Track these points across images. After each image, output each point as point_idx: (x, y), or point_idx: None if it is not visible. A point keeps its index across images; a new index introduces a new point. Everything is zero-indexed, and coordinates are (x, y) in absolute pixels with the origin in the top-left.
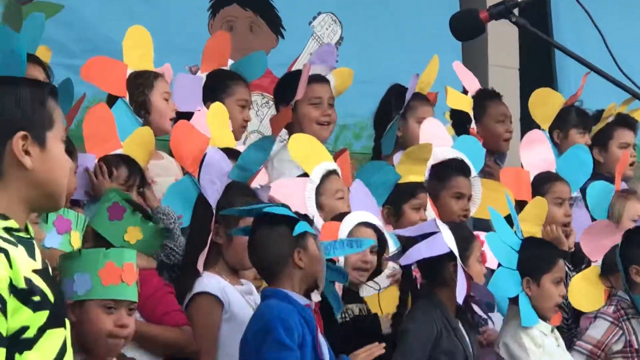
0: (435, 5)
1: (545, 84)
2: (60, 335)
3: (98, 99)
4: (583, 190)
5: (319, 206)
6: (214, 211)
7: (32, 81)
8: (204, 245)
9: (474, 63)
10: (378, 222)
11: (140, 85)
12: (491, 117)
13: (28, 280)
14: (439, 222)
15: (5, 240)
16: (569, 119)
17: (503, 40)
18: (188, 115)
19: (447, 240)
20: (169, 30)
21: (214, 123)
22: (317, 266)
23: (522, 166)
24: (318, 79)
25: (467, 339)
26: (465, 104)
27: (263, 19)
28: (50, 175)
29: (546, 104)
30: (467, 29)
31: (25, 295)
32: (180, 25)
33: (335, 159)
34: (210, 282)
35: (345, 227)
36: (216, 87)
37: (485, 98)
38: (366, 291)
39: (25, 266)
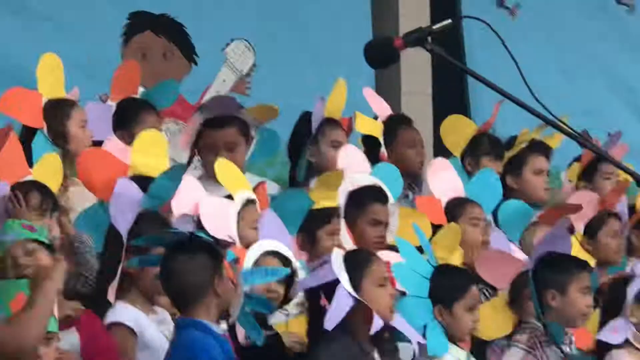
0: (349, 32)
1: (459, 111)
2: None
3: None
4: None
5: None
6: (125, 240)
7: None
8: (115, 276)
9: (386, 89)
10: (287, 250)
11: (58, 115)
12: (401, 142)
13: None
14: (334, 255)
15: None
16: (481, 147)
17: (415, 66)
18: (98, 145)
19: (334, 268)
20: (81, 57)
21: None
22: (231, 294)
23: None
24: (213, 124)
25: None
26: (376, 129)
27: (176, 46)
28: None
29: (457, 131)
30: (382, 56)
31: None
32: (93, 51)
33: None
34: (123, 312)
35: (251, 256)
36: (126, 116)
37: (396, 123)
38: (275, 318)
39: None
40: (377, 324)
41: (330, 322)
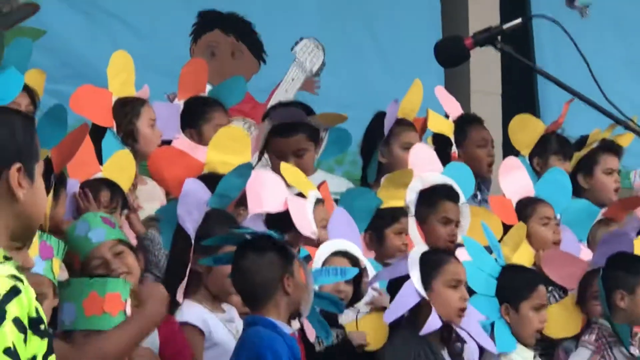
0: (419, 31)
1: (528, 110)
2: None
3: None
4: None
5: None
6: (193, 241)
7: (22, 113)
8: (183, 276)
9: (456, 88)
10: (356, 249)
11: (128, 113)
12: (472, 141)
13: (36, 309)
14: (412, 251)
15: (17, 269)
16: (549, 146)
17: (485, 65)
18: (167, 144)
19: (409, 263)
20: (152, 55)
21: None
22: (302, 293)
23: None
24: (281, 132)
25: None
26: (447, 128)
27: (245, 44)
28: (34, 209)
29: (526, 130)
30: (452, 55)
31: (35, 324)
32: (163, 50)
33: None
34: (191, 311)
35: (320, 255)
36: (194, 114)
37: (467, 123)
38: (345, 317)
39: (34, 294)
40: (433, 323)
41: (390, 315)
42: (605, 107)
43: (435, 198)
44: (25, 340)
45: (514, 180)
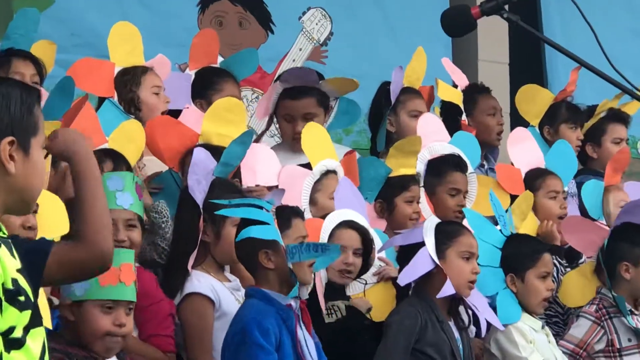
0: (425, 0)
1: (535, 80)
2: (41, 334)
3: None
4: (579, 184)
5: (313, 201)
6: (201, 210)
7: (23, 85)
8: (194, 245)
9: (464, 58)
10: (363, 220)
11: (127, 82)
12: (482, 110)
13: (14, 281)
14: (428, 220)
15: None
16: (559, 114)
17: (493, 35)
18: (177, 114)
19: (424, 231)
20: (159, 25)
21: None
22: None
23: (511, 164)
24: (292, 95)
25: (457, 335)
26: (456, 97)
27: (252, 14)
28: (29, 182)
29: (533, 100)
30: (459, 25)
31: (12, 295)
32: (171, 20)
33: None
34: (200, 281)
35: (327, 226)
36: (205, 85)
37: (475, 92)
38: (353, 288)
39: (11, 266)
40: (447, 289)
41: (404, 278)
42: (613, 76)
43: (443, 168)
44: (1, 312)
45: (523, 150)
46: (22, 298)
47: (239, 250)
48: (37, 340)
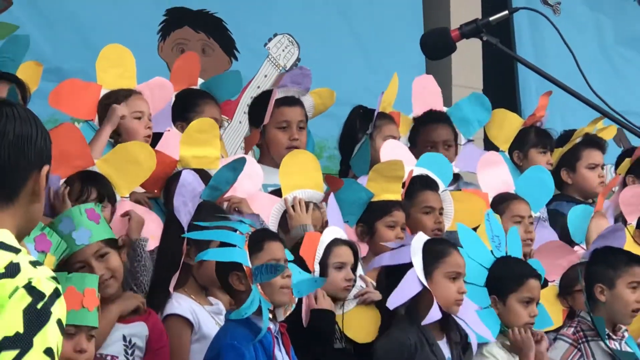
0: (398, 25)
1: (509, 105)
2: None
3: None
4: (550, 211)
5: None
6: (186, 232)
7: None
8: (176, 267)
9: (438, 83)
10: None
11: (108, 106)
12: (423, 142)
13: None
14: (415, 239)
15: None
16: (528, 139)
17: (467, 60)
18: (158, 136)
19: (411, 251)
20: None
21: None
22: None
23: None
24: (288, 102)
25: (448, 355)
26: (404, 127)
27: (216, 41)
28: (39, 212)
29: (502, 125)
30: (439, 47)
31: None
32: (131, 48)
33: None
34: (180, 303)
35: (323, 243)
36: (185, 107)
37: (423, 122)
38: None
39: None
40: (433, 315)
41: (393, 302)
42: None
43: (412, 190)
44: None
45: (492, 175)
46: None
47: (216, 272)
48: None
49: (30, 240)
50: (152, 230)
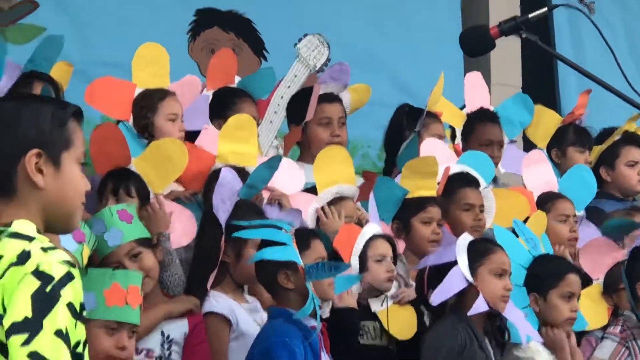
0: (437, 23)
1: (548, 103)
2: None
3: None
4: (589, 209)
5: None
6: (224, 230)
7: (57, 101)
8: (214, 265)
9: None
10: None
11: (143, 108)
12: (477, 139)
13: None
14: (461, 238)
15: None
16: (567, 137)
17: (506, 58)
18: (195, 134)
19: (457, 250)
20: None
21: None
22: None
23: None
24: (328, 99)
25: (492, 354)
26: (457, 120)
27: (245, 42)
28: (61, 196)
29: (540, 122)
30: (477, 44)
31: (82, 310)
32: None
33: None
34: (218, 301)
35: (363, 237)
36: (223, 105)
37: (477, 119)
38: (375, 305)
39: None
40: (479, 306)
41: (437, 297)
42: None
43: (452, 187)
44: (75, 326)
45: (536, 173)
46: (84, 312)
47: (258, 271)
48: (88, 353)
49: None
50: (185, 227)
